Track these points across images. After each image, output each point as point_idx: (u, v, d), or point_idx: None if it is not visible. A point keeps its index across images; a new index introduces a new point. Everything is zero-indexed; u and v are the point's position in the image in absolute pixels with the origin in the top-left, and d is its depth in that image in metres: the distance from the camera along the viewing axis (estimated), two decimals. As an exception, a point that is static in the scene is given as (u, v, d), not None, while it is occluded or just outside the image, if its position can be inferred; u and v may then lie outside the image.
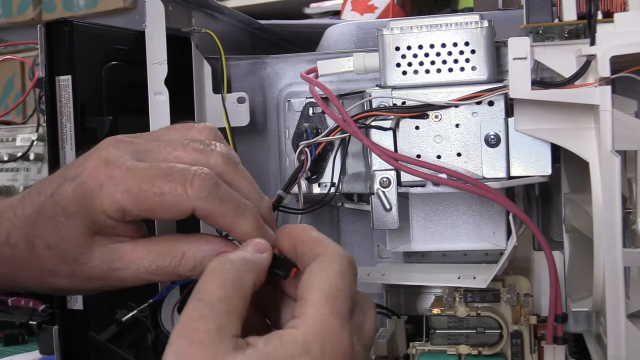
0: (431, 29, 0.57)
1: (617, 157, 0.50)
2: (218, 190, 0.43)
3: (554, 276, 0.53)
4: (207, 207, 0.43)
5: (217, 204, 0.43)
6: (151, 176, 0.43)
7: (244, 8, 1.59)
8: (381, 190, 0.57)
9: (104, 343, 0.61)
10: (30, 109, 1.15)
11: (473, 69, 0.57)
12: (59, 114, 0.62)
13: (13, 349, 0.86)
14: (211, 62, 0.67)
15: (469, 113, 0.57)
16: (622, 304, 0.50)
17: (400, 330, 0.62)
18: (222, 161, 0.45)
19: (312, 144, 0.59)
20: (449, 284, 0.56)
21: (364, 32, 0.72)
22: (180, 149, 0.45)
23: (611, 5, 0.53)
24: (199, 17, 0.68)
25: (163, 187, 0.42)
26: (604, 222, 0.50)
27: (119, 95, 0.66)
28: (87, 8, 1.96)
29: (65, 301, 0.62)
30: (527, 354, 0.57)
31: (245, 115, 0.66)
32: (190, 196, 0.42)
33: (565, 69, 0.53)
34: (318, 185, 0.61)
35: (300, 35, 0.90)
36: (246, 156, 0.70)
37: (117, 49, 0.67)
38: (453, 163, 0.57)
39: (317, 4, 1.67)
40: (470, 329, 0.57)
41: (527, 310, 0.58)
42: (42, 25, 0.62)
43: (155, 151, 0.45)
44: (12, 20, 2.04)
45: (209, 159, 0.45)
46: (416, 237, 0.61)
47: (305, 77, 0.60)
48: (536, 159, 0.56)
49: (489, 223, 0.60)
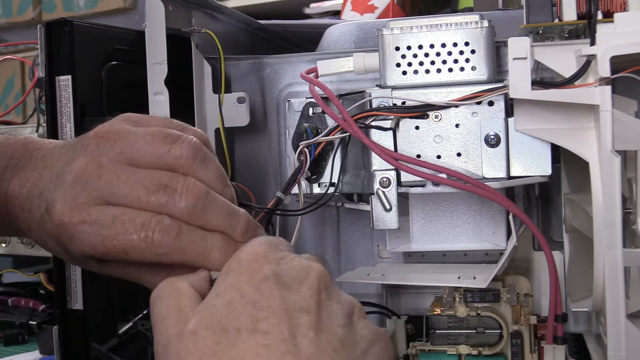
0: (431, 29, 0.57)
1: (617, 157, 0.50)
2: (179, 242, 0.44)
3: (554, 276, 0.53)
4: (170, 259, 0.45)
5: (179, 254, 0.45)
6: (114, 233, 0.44)
7: (244, 8, 1.58)
8: (381, 190, 0.57)
9: (105, 353, 0.61)
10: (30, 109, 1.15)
11: (473, 69, 0.57)
12: (59, 114, 0.62)
13: (13, 349, 0.86)
14: (211, 62, 0.67)
15: (469, 113, 0.57)
16: (622, 304, 0.50)
17: (400, 330, 0.62)
18: (191, 207, 0.45)
19: (311, 144, 0.59)
20: (449, 284, 0.56)
21: (364, 32, 0.72)
22: (143, 196, 0.45)
23: (611, 5, 0.53)
24: (199, 17, 0.68)
25: (126, 245, 0.44)
26: (604, 222, 0.50)
27: (119, 95, 0.66)
28: (87, 8, 1.96)
29: (66, 301, 0.62)
30: (527, 354, 0.57)
31: (245, 115, 0.66)
32: (153, 252, 0.44)
33: (565, 69, 0.53)
34: (318, 185, 0.61)
35: (300, 35, 0.90)
36: (246, 156, 0.70)
37: (117, 49, 0.67)
38: (453, 163, 0.57)
39: (317, 4, 1.67)
40: (470, 329, 0.57)
41: (527, 310, 0.58)
42: (42, 25, 0.62)
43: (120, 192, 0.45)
44: (12, 20, 2.04)
45: (174, 209, 0.45)
46: (416, 237, 0.61)
47: (306, 77, 0.60)
48: (536, 159, 0.56)
49: (489, 223, 0.60)
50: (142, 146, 0.46)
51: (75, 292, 0.62)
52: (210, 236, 0.45)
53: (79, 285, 0.62)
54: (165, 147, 0.46)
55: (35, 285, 0.99)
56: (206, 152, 0.47)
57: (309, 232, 0.70)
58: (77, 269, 0.62)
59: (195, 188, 0.45)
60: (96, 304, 0.63)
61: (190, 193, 0.45)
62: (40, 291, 0.97)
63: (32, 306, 0.92)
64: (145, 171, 0.46)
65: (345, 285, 0.68)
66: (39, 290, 0.98)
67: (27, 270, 1.04)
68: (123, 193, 0.45)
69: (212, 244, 0.45)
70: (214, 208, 0.46)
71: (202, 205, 0.45)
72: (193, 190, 0.45)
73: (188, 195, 0.45)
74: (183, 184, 0.45)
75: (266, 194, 0.69)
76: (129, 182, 0.45)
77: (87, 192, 0.45)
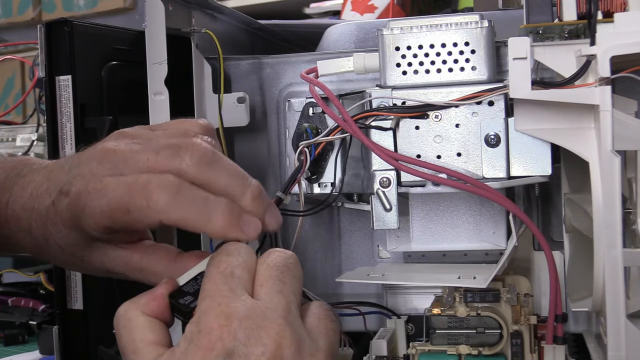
0: (431, 29, 0.57)
1: (617, 157, 0.50)
2: (179, 198, 0.44)
3: (554, 276, 0.53)
4: (169, 218, 0.44)
5: (178, 212, 0.44)
6: (119, 194, 0.45)
7: (244, 8, 1.59)
8: (381, 190, 0.57)
9: (113, 355, 0.61)
10: (30, 109, 1.15)
11: (473, 69, 0.57)
12: (59, 114, 0.62)
13: (13, 349, 0.86)
14: (211, 62, 0.67)
15: (469, 113, 0.57)
16: (622, 304, 0.50)
17: (400, 330, 0.62)
18: (195, 161, 0.46)
19: (311, 144, 0.59)
20: (449, 284, 0.56)
21: (364, 32, 0.72)
22: (152, 156, 0.46)
23: (611, 5, 0.53)
24: (199, 17, 0.68)
25: (128, 203, 0.45)
26: (604, 222, 0.50)
27: (119, 95, 0.66)
28: (87, 8, 1.96)
29: (66, 301, 0.62)
30: (527, 354, 0.57)
31: (245, 116, 0.66)
32: (152, 209, 0.44)
33: (565, 69, 0.53)
34: (318, 185, 0.61)
35: (300, 35, 0.90)
36: (246, 156, 0.70)
37: (117, 49, 0.67)
38: (453, 163, 0.57)
39: (317, 4, 1.67)
40: (470, 329, 0.57)
41: (527, 310, 0.58)
42: (42, 25, 0.62)
43: (132, 160, 0.46)
44: (12, 20, 2.04)
45: (180, 162, 0.45)
46: (416, 237, 0.61)
47: (305, 77, 0.60)
48: (536, 159, 0.56)
49: (489, 223, 0.60)
50: (159, 138, 0.47)
51: (75, 292, 0.62)
52: (213, 198, 0.45)
53: (79, 285, 0.62)
54: (181, 140, 0.47)
55: (35, 285, 0.99)
56: (216, 155, 0.48)
57: (309, 232, 0.69)
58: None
59: (202, 145, 0.46)
60: (96, 304, 0.63)
61: (196, 149, 0.46)
62: (40, 291, 0.97)
63: (32, 306, 0.92)
64: (157, 138, 0.47)
65: (346, 285, 0.68)
66: (39, 290, 0.98)
67: (27, 270, 1.04)
68: (135, 160, 0.46)
69: (214, 207, 0.45)
70: (220, 166, 0.46)
71: (207, 162, 0.46)
72: (200, 146, 0.46)
73: (193, 149, 0.46)
74: (190, 142, 0.46)
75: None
76: (141, 150, 0.46)
77: (102, 165, 0.46)
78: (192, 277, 0.45)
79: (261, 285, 0.43)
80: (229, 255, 0.44)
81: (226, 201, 0.45)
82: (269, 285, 0.43)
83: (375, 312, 0.65)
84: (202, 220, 0.44)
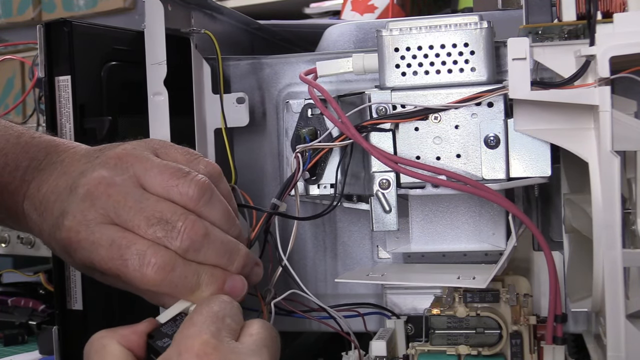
0: (430, 29, 0.57)
1: (616, 158, 0.50)
2: (172, 277, 0.46)
3: (553, 276, 0.53)
4: (159, 290, 0.47)
5: (168, 288, 0.46)
6: (110, 257, 0.46)
7: (244, 8, 1.58)
8: (380, 192, 0.57)
9: None
10: (30, 109, 1.15)
11: (472, 70, 0.57)
12: (59, 114, 0.62)
13: (13, 349, 0.86)
14: (211, 62, 0.67)
15: (469, 114, 0.57)
16: (621, 304, 0.50)
17: (399, 330, 0.62)
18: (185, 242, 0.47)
19: (308, 149, 0.58)
20: (449, 284, 0.56)
21: (364, 33, 0.72)
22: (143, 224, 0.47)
23: (611, 6, 0.52)
24: (198, 18, 0.68)
25: (119, 270, 0.46)
26: (604, 223, 0.50)
27: (119, 95, 0.66)
28: (87, 8, 1.96)
29: (65, 301, 0.62)
30: (526, 354, 0.57)
31: (244, 116, 0.66)
32: (145, 283, 0.46)
33: (565, 69, 0.53)
34: (317, 186, 0.61)
35: (299, 36, 0.89)
36: (245, 157, 0.70)
37: (116, 49, 0.67)
38: (452, 164, 0.57)
39: (317, 4, 1.66)
40: (470, 329, 0.57)
41: (527, 311, 0.58)
42: (41, 25, 0.62)
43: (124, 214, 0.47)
44: (12, 20, 2.04)
45: (171, 241, 0.46)
46: (416, 238, 0.61)
47: (304, 79, 0.60)
48: (536, 160, 0.56)
49: (488, 224, 0.60)
50: (154, 175, 0.48)
51: (75, 292, 0.62)
52: (202, 272, 0.47)
53: (79, 285, 0.62)
54: (173, 182, 0.48)
55: (35, 285, 0.99)
56: (213, 192, 0.49)
57: (308, 233, 0.69)
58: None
59: (194, 228, 0.47)
60: (96, 304, 0.63)
61: (187, 233, 0.47)
62: (40, 291, 0.97)
63: (32, 306, 0.92)
64: (151, 200, 0.47)
65: (345, 285, 0.68)
66: (38, 290, 0.98)
67: (27, 270, 1.04)
68: (127, 217, 0.47)
69: (202, 280, 0.47)
70: (208, 249, 0.48)
71: (197, 248, 0.47)
72: (191, 230, 0.47)
73: (185, 235, 0.47)
74: (183, 222, 0.47)
75: (265, 194, 0.69)
76: (134, 209, 0.47)
77: (95, 209, 0.47)
78: (171, 318, 0.47)
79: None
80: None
81: (211, 272, 0.48)
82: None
83: (375, 313, 0.65)
84: (190, 292, 0.47)
